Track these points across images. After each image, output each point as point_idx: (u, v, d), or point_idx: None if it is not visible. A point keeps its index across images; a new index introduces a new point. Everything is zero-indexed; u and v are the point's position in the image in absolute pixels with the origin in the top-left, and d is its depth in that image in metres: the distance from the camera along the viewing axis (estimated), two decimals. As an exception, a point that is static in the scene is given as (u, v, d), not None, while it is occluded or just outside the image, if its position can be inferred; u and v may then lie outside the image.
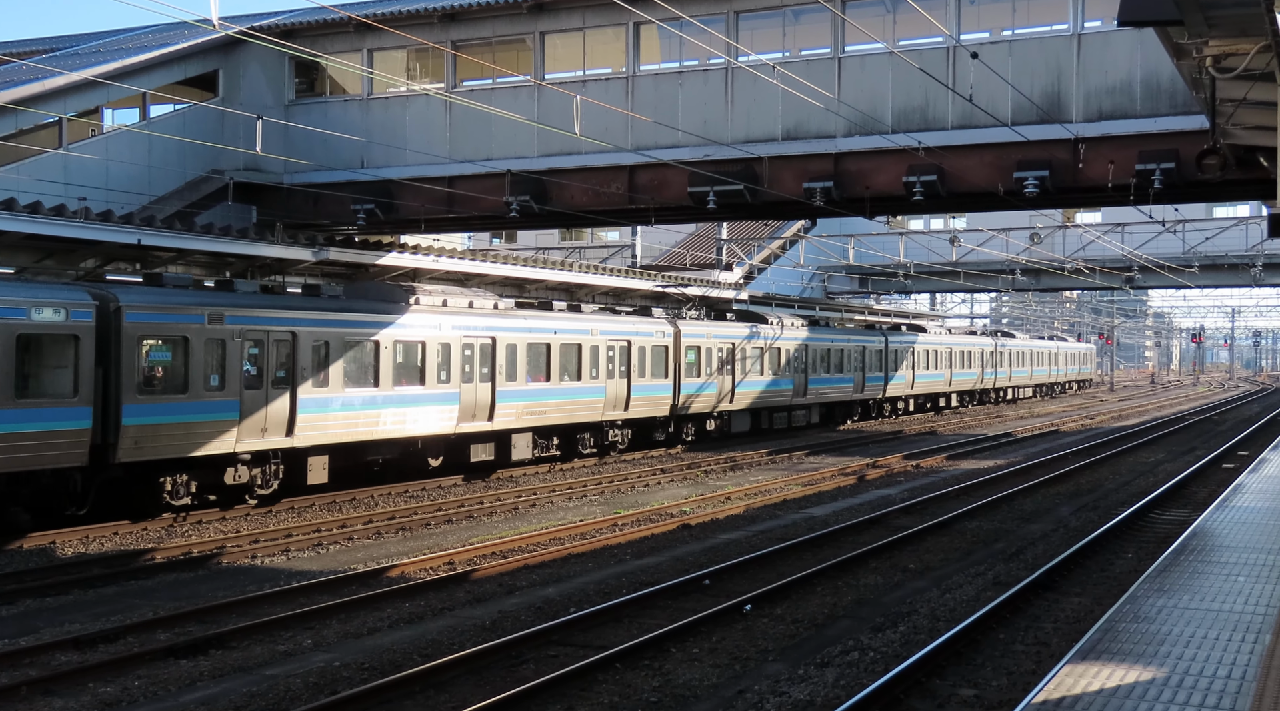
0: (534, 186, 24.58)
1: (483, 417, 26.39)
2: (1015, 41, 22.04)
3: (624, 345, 31.59)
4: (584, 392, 30.01)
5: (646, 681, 11.11)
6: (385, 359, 23.78)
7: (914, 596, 14.89)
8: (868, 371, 46.92)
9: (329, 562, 17.23)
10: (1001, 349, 64.16)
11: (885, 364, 48.14)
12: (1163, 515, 21.80)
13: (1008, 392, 68.02)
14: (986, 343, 62.07)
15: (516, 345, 27.39)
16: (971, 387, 60.38)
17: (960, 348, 57.81)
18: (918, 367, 52.20)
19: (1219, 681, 8.73)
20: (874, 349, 47.25)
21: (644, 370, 32.11)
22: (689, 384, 34.53)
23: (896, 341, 49.64)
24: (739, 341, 37.22)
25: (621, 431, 32.05)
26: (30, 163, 23.97)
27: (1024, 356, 69.51)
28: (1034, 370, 71.94)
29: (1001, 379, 64.72)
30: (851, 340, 45.55)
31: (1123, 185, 21.04)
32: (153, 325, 19.41)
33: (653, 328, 32.97)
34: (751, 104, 23.43)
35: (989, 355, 61.97)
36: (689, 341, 34.56)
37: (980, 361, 60.67)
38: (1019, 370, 68.22)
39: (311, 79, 28.23)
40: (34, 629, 13.09)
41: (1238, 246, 49.41)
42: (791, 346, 40.54)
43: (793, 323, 41.86)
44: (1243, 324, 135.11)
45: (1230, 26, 9.71)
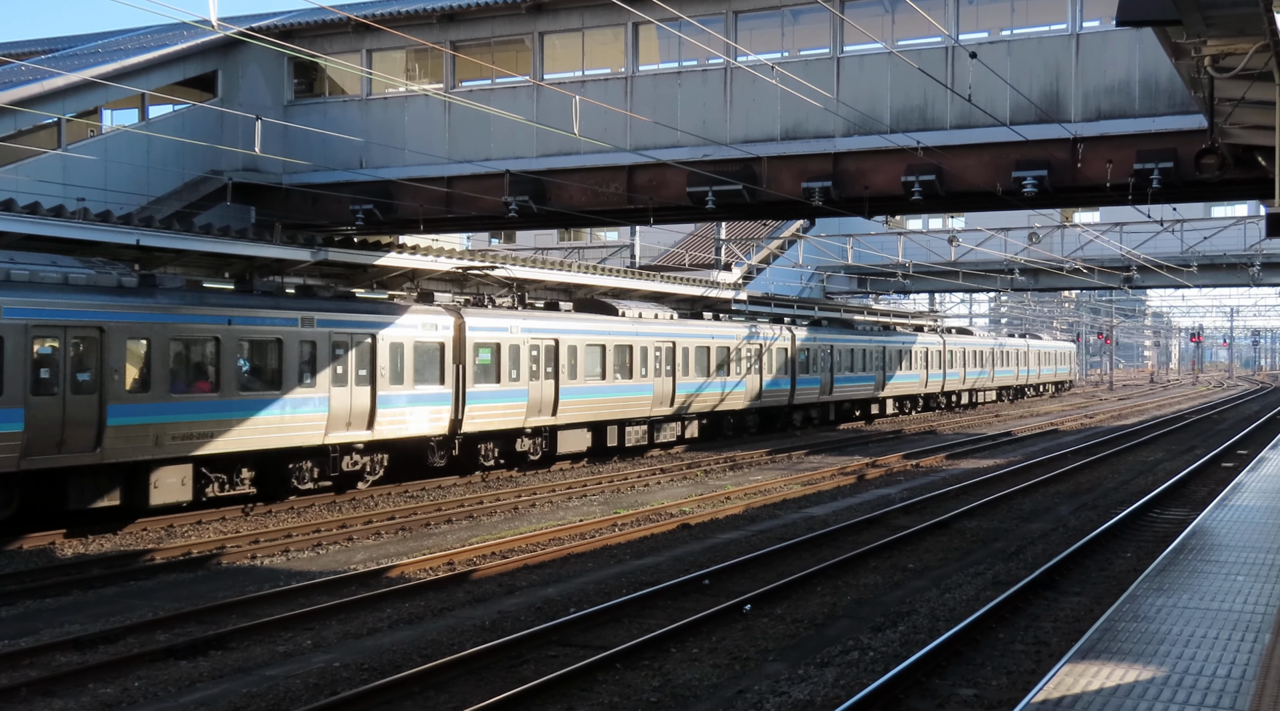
0: (533, 186, 24.58)
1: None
2: (1014, 41, 22.05)
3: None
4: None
5: (646, 681, 11.12)
6: None
7: (914, 596, 14.89)
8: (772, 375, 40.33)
9: (328, 563, 17.23)
10: (954, 347, 57.19)
11: (793, 367, 41.36)
12: (1162, 514, 21.81)
13: (960, 397, 60.36)
14: (931, 340, 54.66)
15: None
16: (914, 392, 53.19)
17: (894, 346, 50.36)
18: (838, 369, 45.17)
19: (1218, 680, 8.73)
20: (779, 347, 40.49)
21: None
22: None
23: (806, 340, 42.73)
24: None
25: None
26: (29, 163, 23.96)
27: (982, 356, 61.92)
28: (996, 371, 64.45)
29: (953, 381, 57.42)
30: (756, 339, 38.87)
31: (1121, 184, 21.05)
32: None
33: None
34: (750, 104, 23.44)
35: (935, 355, 54.73)
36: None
37: (924, 362, 53.45)
38: (976, 371, 61.00)
39: (310, 79, 28.23)
40: (34, 630, 13.09)
41: (1236, 246, 49.44)
42: None
43: None
44: (1241, 323, 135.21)
45: (1228, 26, 9.72)
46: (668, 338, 33.52)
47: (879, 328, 51.45)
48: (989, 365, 63.27)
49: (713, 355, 35.66)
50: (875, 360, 48.07)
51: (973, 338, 61.78)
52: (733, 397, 37.18)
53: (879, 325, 52.59)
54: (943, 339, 55.91)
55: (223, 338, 20.78)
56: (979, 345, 61.65)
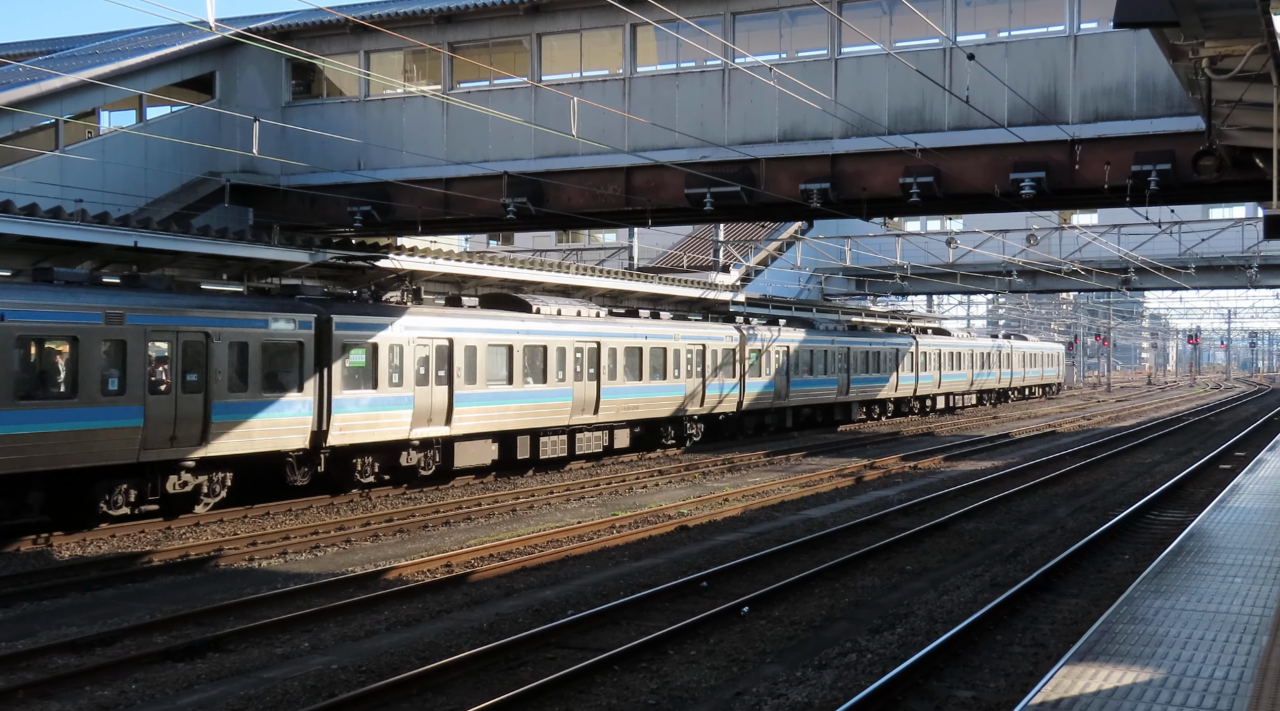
0: (531, 188, 24.58)
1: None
2: (1012, 43, 22.06)
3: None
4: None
5: (644, 683, 11.11)
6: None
7: (912, 598, 14.89)
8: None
9: (326, 565, 17.22)
10: (927, 349, 53.65)
11: (741, 370, 37.94)
12: (1160, 516, 21.81)
13: (934, 401, 56.56)
14: (901, 341, 51.30)
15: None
16: (882, 396, 49.95)
17: (859, 347, 46.93)
18: (795, 372, 41.88)
19: (1216, 682, 8.73)
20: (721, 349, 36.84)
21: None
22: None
23: (758, 340, 39.32)
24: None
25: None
26: (27, 165, 23.94)
27: (958, 358, 58.18)
28: (976, 374, 60.78)
29: (926, 384, 53.88)
30: (699, 339, 35.43)
31: (1119, 186, 21.06)
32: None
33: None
34: (748, 105, 23.44)
35: (905, 357, 51.35)
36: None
37: (892, 364, 50.12)
38: (953, 374, 57.36)
39: (308, 81, 28.23)
40: (31, 632, 13.07)
41: (1234, 248, 49.47)
42: None
43: None
44: (1239, 325, 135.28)
45: (1226, 28, 9.72)
46: (591, 337, 30.18)
47: (843, 327, 48.30)
48: (967, 367, 59.66)
49: (646, 357, 32.30)
50: (837, 362, 44.88)
51: (949, 338, 57.90)
52: (668, 403, 33.67)
53: (843, 324, 49.64)
54: (915, 339, 52.35)
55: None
56: (955, 346, 57.92)
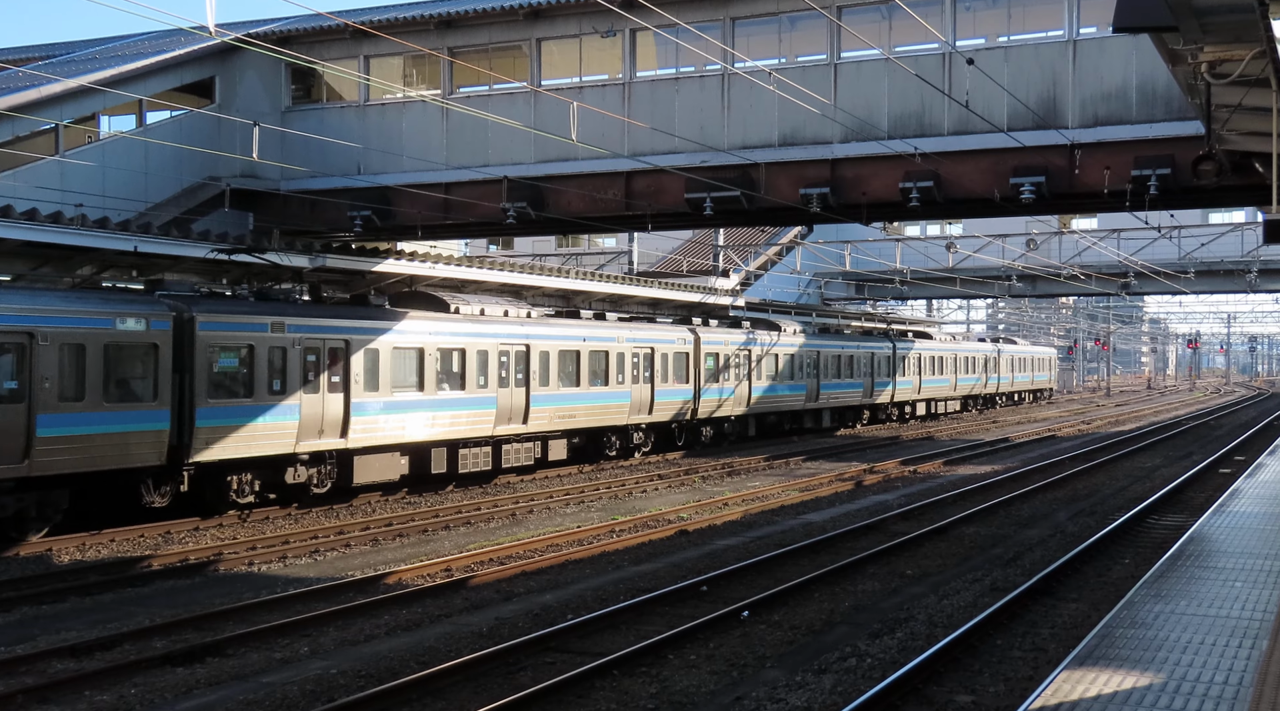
0: (531, 193, 24.60)
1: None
2: (1011, 48, 22.08)
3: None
4: None
5: (644, 688, 11.10)
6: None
7: (911, 602, 14.88)
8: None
9: (326, 569, 17.21)
10: (905, 352, 51.22)
11: (697, 375, 35.32)
12: (1160, 520, 21.81)
13: (914, 408, 53.91)
14: (878, 345, 48.75)
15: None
16: (856, 403, 47.20)
17: (830, 351, 44.33)
18: (759, 377, 39.07)
19: (1216, 687, 8.73)
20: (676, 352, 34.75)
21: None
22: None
23: (715, 343, 36.47)
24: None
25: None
26: (27, 169, 23.95)
27: (941, 362, 55.50)
28: (959, 379, 58.12)
29: (905, 390, 51.32)
30: (646, 342, 33.00)
31: (1119, 191, 21.08)
32: None
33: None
34: (748, 110, 23.46)
35: (882, 361, 48.89)
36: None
37: (867, 368, 47.45)
38: (935, 379, 54.66)
39: (308, 85, 28.25)
40: (31, 636, 13.06)
41: (1233, 252, 49.50)
42: None
43: None
44: (1238, 329, 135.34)
45: (1225, 32, 9.73)
46: (518, 339, 27.68)
47: (814, 330, 45.37)
48: (950, 372, 56.89)
49: (585, 360, 29.79)
50: (806, 367, 42.09)
51: (930, 342, 55.02)
52: (611, 411, 31.19)
53: (815, 327, 46.67)
54: (893, 343, 49.91)
55: None
56: (937, 350, 55.23)
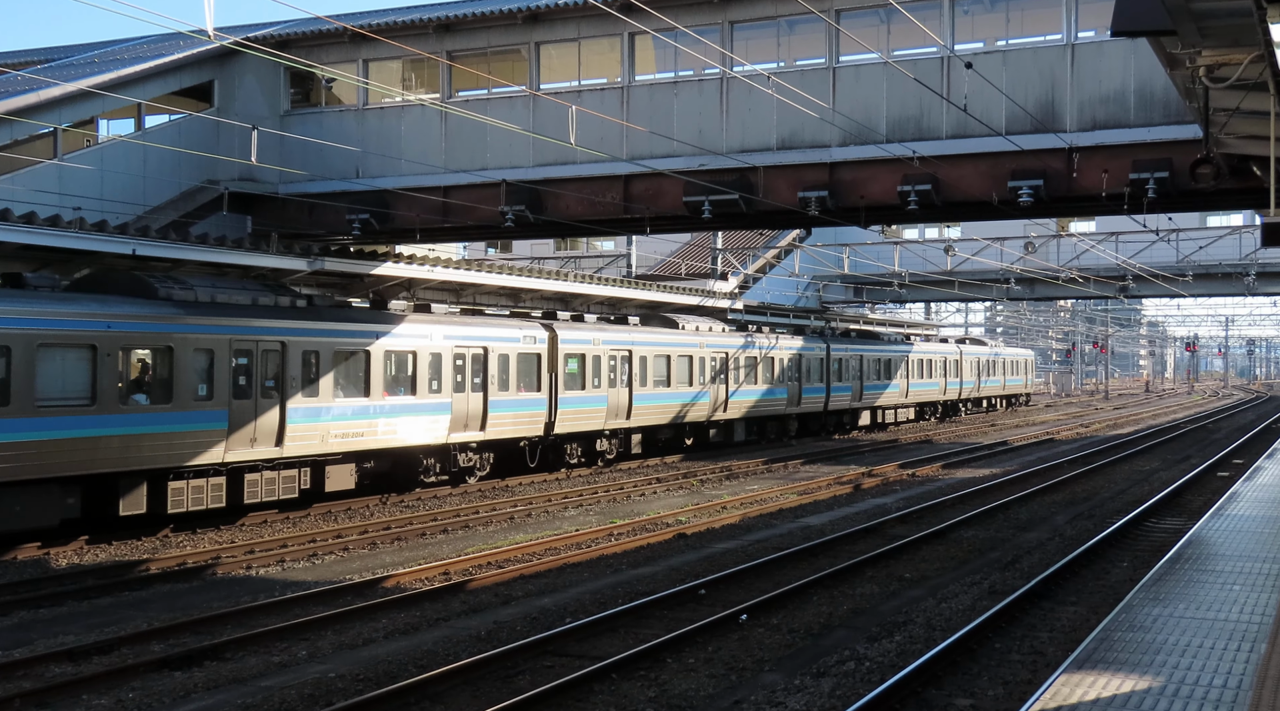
0: (529, 196, 24.60)
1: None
2: (1009, 51, 22.10)
3: None
4: None
5: (643, 692, 11.09)
6: None
7: (910, 606, 14.88)
8: None
9: (324, 573, 17.20)
10: (843, 354, 46.03)
11: (555, 380, 29.32)
12: (1158, 524, 21.81)
13: (856, 416, 48.57)
14: (808, 346, 43.32)
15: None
16: (775, 411, 41.35)
17: (746, 351, 38.79)
18: (644, 383, 32.94)
19: (1215, 690, 8.73)
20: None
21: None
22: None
23: (576, 341, 30.25)
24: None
25: None
26: (25, 173, 23.95)
27: (889, 366, 50.63)
28: (912, 384, 52.83)
29: (841, 397, 45.81)
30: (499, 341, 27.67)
31: (1117, 194, 21.09)
32: None
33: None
34: (746, 114, 23.47)
35: (813, 364, 43.55)
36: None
37: (793, 372, 42.09)
38: (879, 384, 49.49)
39: (307, 89, 28.25)
40: (28, 640, 13.05)
41: (1231, 255, 49.49)
42: None
43: None
44: (1237, 332, 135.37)
45: (1223, 36, 9.74)
46: (264, 336, 21.99)
47: (725, 327, 39.73)
48: (901, 376, 51.63)
49: (376, 366, 24.02)
50: (711, 370, 36.30)
51: (875, 343, 50.12)
52: (427, 427, 25.50)
53: (731, 324, 41.29)
54: (826, 344, 44.95)
55: None
56: (884, 352, 50.18)
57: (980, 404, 65.60)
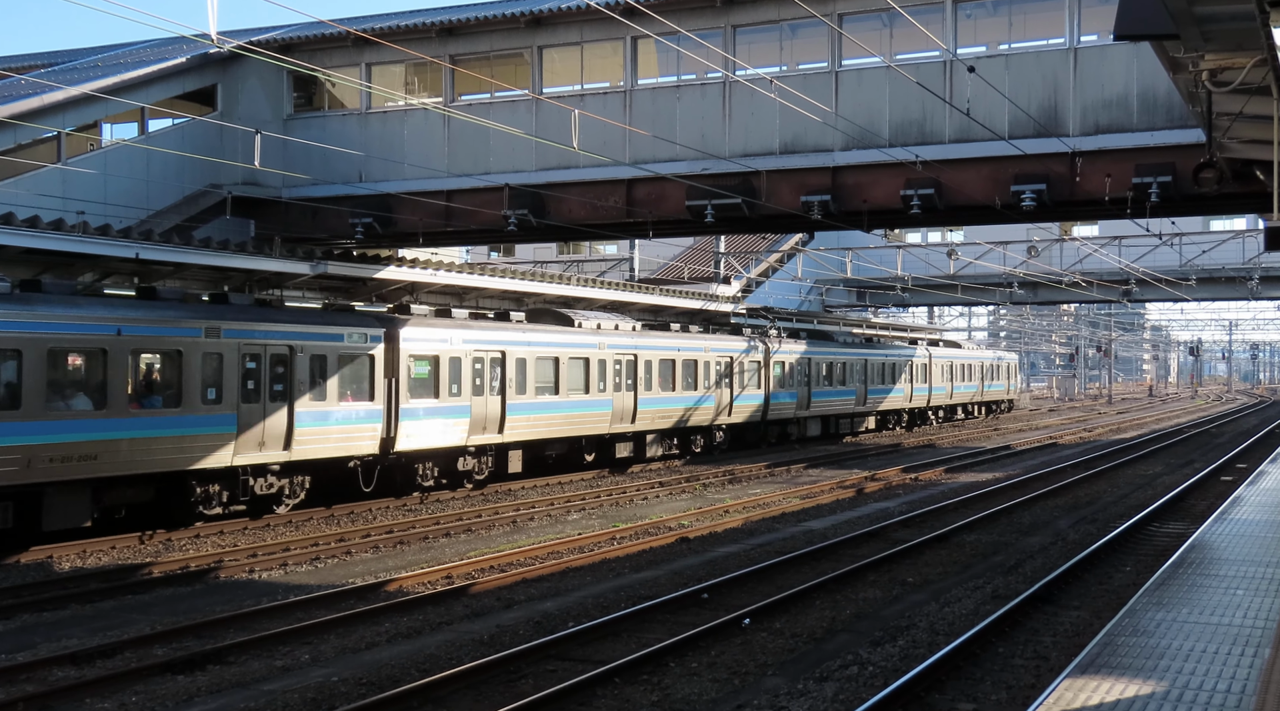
0: (532, 200, 24.61)
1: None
2: (1012, 56, 22.10)
3: None
4: None
5: (645, 696, 11.08)
6: None
7: (913, 610, 14.86)
8: None
9: (327, 577, 17.20)
10: (785, 357, 40.88)
11: (395, 387, 24.54)
12: (1161, 528, 21.79)
13: (803, 426, 43.12)
14: (735, 347, 37.57)
15: None
16: (703, 421, 35.78)
17: (663, 354, 33.72)
18: (522, 389, 27.83)
19: (1218, 695, 8.71)
20: None
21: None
22: None
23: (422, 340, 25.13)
24: None
25: None
26: (29, 177, 23.98)
27: (845, 370, 45.56)
28: (871, 390, 47.80)
29: (783, 405, 40.74)
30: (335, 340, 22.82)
31: (1120, 198, 21.09)
32: None
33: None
34: (749, 118, 23.48)
35: (747, 368, 38.22)
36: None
37: (724, 378, 36.69)
38: (830, 391, 44.35)
39: (310, 93, 28.28)
40: (31, 644, 13.05)
41: (1235, 259, 49.50)
42: None
43: None
44: (1240, 336, 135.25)
45: (1226, 40, 9.73)
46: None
47: (645, 326, 35.04)
48: (858, 381, 46.66)
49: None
50: (619, 374, 31.61)
51: (827, 345, 45.13)
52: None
53: (653, 323, 36.69)
54: (764, 344, 39.63)
55: None
56: (837, 355, 45.22)
57: (953, 412, 59.72)
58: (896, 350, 51.48)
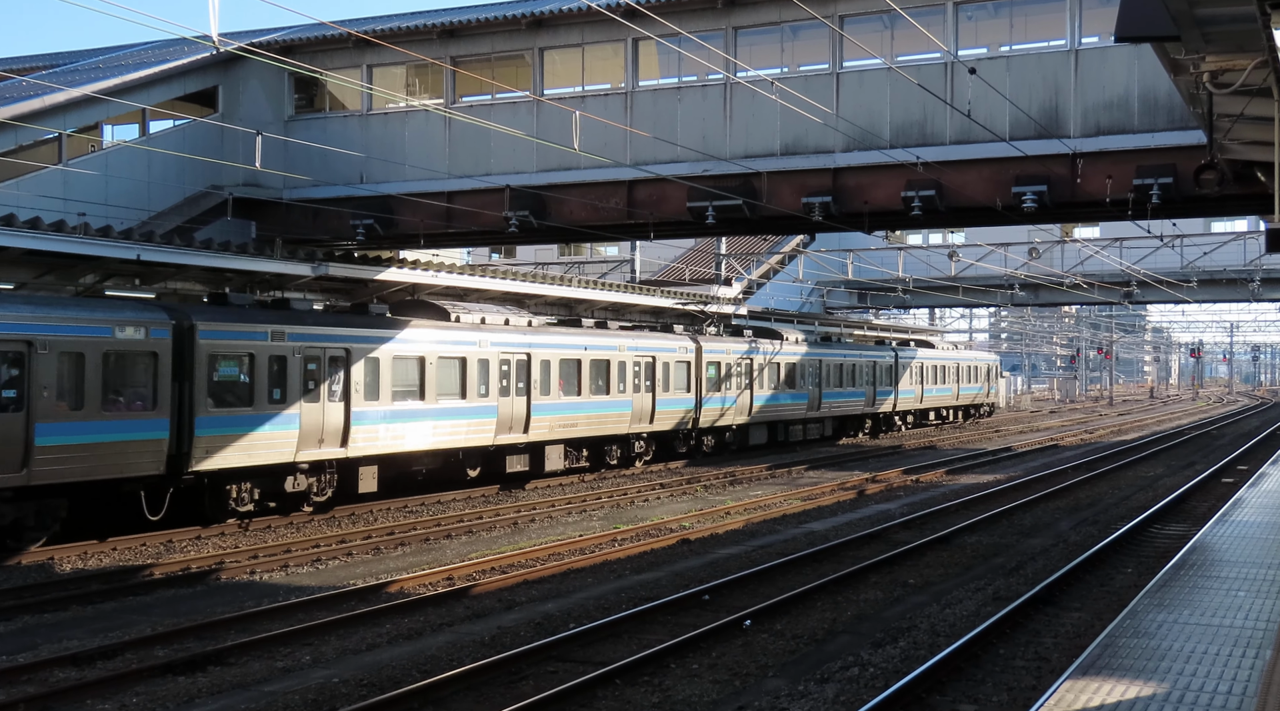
0: (533, 202, 24.61)
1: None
2: (1013, 57, 22.10)
3: None
4: None
5: (646, 697, 11.08)
6: None
7: (914, 611, 14.86)
8: None
9: (328, 578, 17.20)
10: (718, 356, 35.99)
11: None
12: (1162, 530, 21.78)
13: (744, 434, 38.36)
14: (661, 346, 33.37)
15: None
16: (617, 431, 31.42)
17: (565, 353, 29.41)
18: (365, 394, 23.68)
19: (1220, 697, 8.71)
20: None
21: None
22: None
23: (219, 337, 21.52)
24: None
25: None
26: (30, 178, 23.99)
27: (789, 372, 40.12)
28: (825, 394, 43.02)
29: (713, 411, 35.66)
30: None
31: (1121, 200, 21.08)
32: None
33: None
34: (750, 119, 23.48)
35: (670, 369, 33.62)
36: None
37: (643, 380, 32.30)
38: (770, 395, 38.90)
39: (311, 95, 28.28)
40: (32, 645, 13.06)
41: (1236, 261, 49.50)
42: None
43: None
44: (1241, 338, 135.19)
45: (1227, 42, 9.74)
46: None
47: (546, 320, 31.41)
48: (808, 384, 41.47)
49: None
50: (502, 377, 27.35)
51: (772, 342, 39.48)
52: None
53: (561, 318, 32.99)
54: (695, 343, 35.09)
55: None
56: (785, 355, 39.88)
57: (925, 416, 55.56)
58: (857, 350, 46.98)
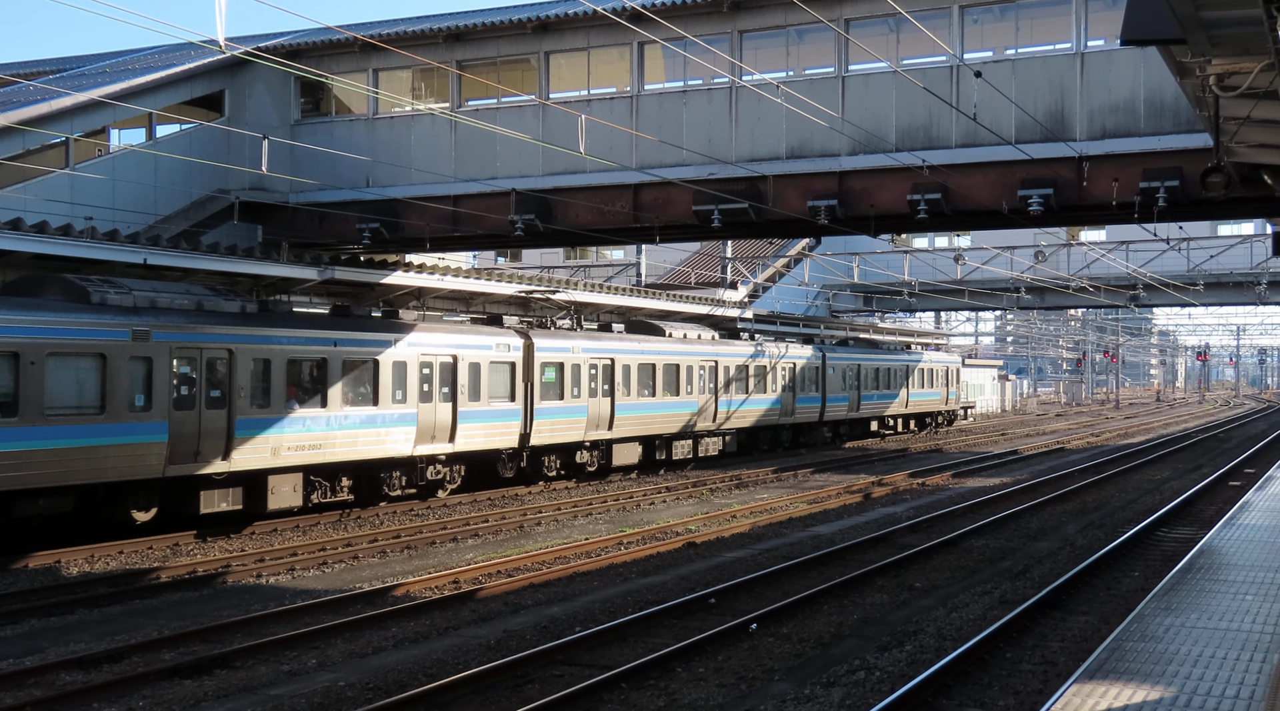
0: (539, 205, 24.64)
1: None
2: (1019, 60, 22.09)
3: None
4: None
5: (652, 701, 11.08)
6: None
7: (920, 615, 14.84)
8: None
9: (334, 581, 17.21)
10: (628, 356, 31.58)
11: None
12: (1169, 533, 21.74)
13: (670, 449, 33.91)
14: (557, 346, 29.03)
15: None
16: (501, 444, 27.32)
17: (430, 355, 24.97)
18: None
19: (1227, 701, 8.69)
20: None
21: None
22: None
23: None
24: None
25: None
26: (37, 182, 24.04)
27: (689, 374, 34.35)
28: (751, 400, 37.97)
29: (634, 422, 31.69)
30: None
31: (1127, 203, 21.06)
32: None
33: None
34: (755, 123, 23.49)
35: (582, 371, 29.59)
36: None
37: (500, 387, 27.18)
38: (669, 405, 33.29)
39: (317, 99, 28.34)
40: (39, 648, 13.08)
41: (1242, 264, 49.38)
42: None
43: None
44: (1248, 341, 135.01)
45: (1233, 45, 9.72)
46: None
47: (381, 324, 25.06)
48: (703, 391, 35.21)
49: None
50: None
51: (657, 341, 33.66)
52: None
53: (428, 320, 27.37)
54: (609, 345, 31.31)
55: None
56: (675, 355, 33.89)
57: (868, 425, 49.52)
58: (781, 351, 40.65)
